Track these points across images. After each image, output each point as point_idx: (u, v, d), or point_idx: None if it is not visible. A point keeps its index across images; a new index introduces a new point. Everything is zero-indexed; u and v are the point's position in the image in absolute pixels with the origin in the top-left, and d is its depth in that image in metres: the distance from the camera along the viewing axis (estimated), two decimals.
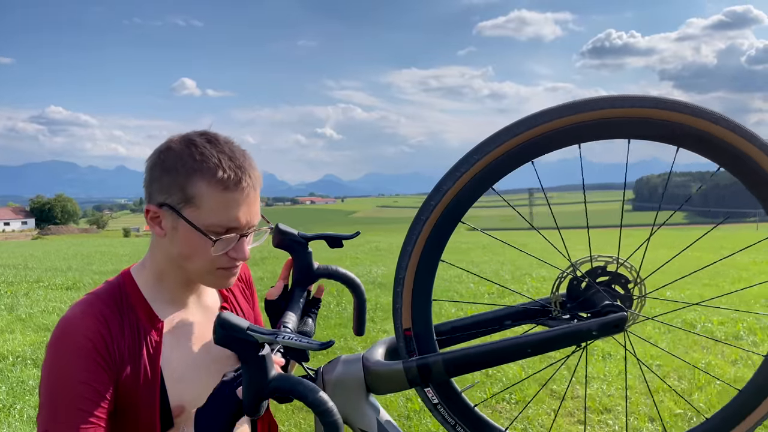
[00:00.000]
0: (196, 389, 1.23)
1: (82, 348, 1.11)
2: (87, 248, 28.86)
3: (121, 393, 1.16)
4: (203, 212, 1.12)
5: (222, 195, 1.11)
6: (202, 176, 1.10)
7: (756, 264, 13.46)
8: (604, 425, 4.38)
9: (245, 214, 1.15)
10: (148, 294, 1.24)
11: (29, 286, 12.57)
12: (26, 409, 4.90)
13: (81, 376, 1.10)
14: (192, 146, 1.12)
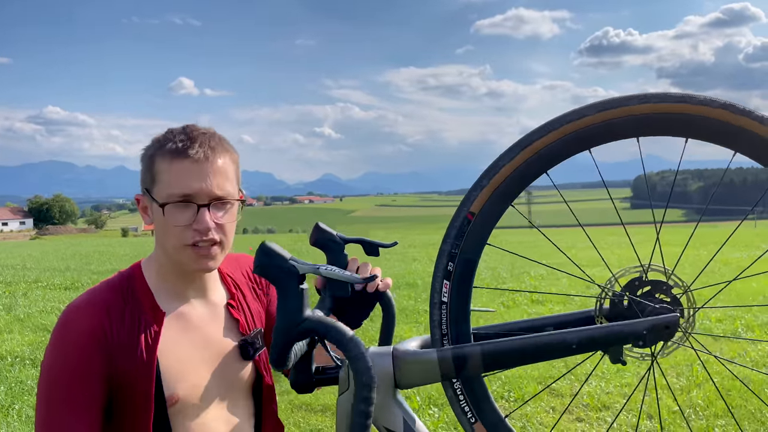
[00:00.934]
0: (192, 381, 1.24)
1: (81, 335, 1.16)
2: (85, 248, 28.84)
3: (118, 378, 1.19)
4: (162, 185, 1.18)
5: (172, 164, 1.17)
6: (158, 152, 1.19)
7: (753, 261, 13.47)
8: (602, 422, 4.39)
9: (198, 182, 1.17)
10: (153, 286, 1.27)
11: (27, 286, 12.56)
12: (25, 409, 4.90)
13: (77, 366, 1.15)
14: (160, 136, 1.22)
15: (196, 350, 1.27)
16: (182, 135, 1.19)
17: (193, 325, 1.29)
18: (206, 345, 1.29)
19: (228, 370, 1.31)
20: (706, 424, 4.26)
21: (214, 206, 1.20)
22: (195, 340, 1.28)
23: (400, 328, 7.48)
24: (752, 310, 7.90)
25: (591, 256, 15.80)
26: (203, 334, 1.29)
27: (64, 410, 1.14)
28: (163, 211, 1.18)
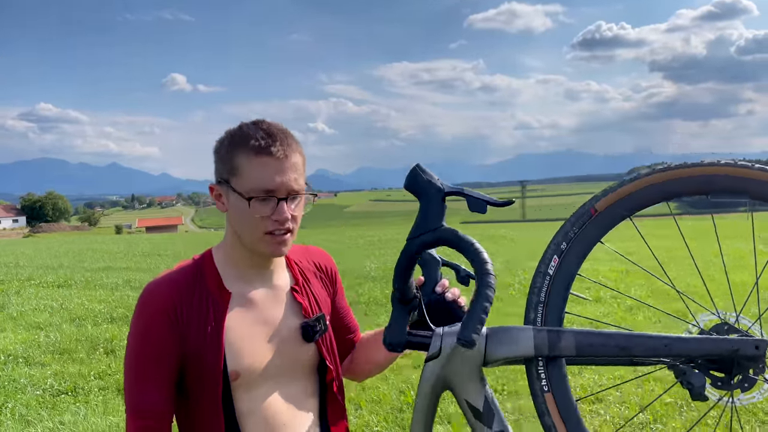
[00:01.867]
0: (252, 358, 1.35)
1: (154, 315, 1.30)
2: (79, 246, 28.73)
3: (189, 354, 1.31)
4: (243, 179, 1.28)
5: (255, 159, 1.27)
6: (241, 147, 1.29)
7: (746, 254, 13.54)
8: (596, 414, 4.41)
9: (279, 176, 1.28)
10: (221, 268, 1.38)
11: (20, 284, 12.50)
12: (18, 408, 4.88)
13: (149, 336, 1.29)
14: (239, 128, 1.32)
15: (257, 329, 1.37)
16: (263, 132, 1.29)
17: (257, 306, 1.38)
18: (268, 325, 1.38)
19: (288, 350, 1.40)
20: (698, 415, 4.29)
21: (289, 199, 1.32)
22: (257, 319, 1.38)
23: (381, 318, 7.48)
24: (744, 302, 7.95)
25: None
26: (265, 315, 1.39)
27: (142, 382, 1.28)
28: (249, 203, 1.28)
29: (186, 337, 1.31)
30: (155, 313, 1.30)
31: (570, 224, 1.20)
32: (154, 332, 1.30)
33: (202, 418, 1.33)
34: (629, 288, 9.18)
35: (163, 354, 1.30)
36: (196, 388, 1.33)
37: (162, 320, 1.30)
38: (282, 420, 1.38)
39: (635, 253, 14.41)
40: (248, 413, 1.35)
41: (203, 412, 1.33)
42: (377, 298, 9.17)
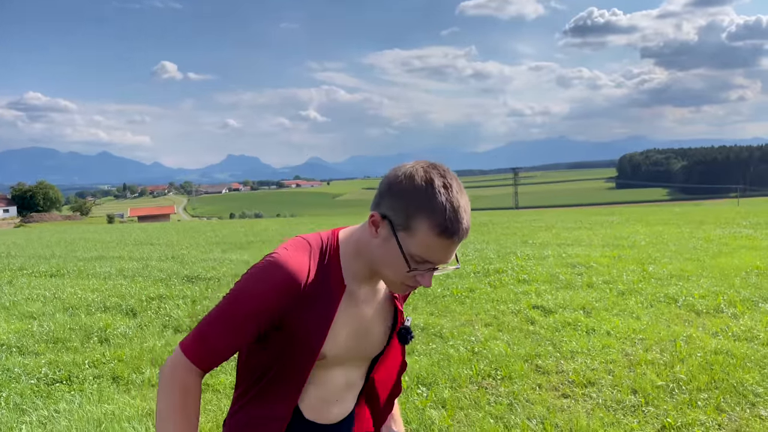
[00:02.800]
0: (341, 349, 1.46)
1: (278, 283, 1.35)
2: (71, 235, 28.59)
3: (293, 324, 1.40)
4: (414, 242, 1.30)
5: (435, 239, 1.29)
6: (428, 216, 1.28)
7: (736, 238, 13.64)
8: (588, 398, 4.45)
9: (444, 256, 1.33)
10: (344, 261, 1.45)
11: (12, 274, 12.45)
12: (12, 397, 4.89)
13: (261, 300, 1.35)
14: (431, 186, 1.29)
15: (353, 323, 1.48)
16: (453, 214, 1.28)
17: (360, 302, 1.49)
18: (362, 321, 1.49)
19: (368, 347, 1.53)
20: (689, 398, 4.34)
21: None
22: (357, 315, 1.48)
23: None
24: (734, 285, 8.02)
25: (575, 236, 15.92)
26: (365, 312, 1.50)
27: (225, 327, 1.36)
28: (409, 265, 1.32)
29: (292, 316, 1.39)
30: (276, 287, 1.36)
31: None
32: (266, 301, 1.36)
33: (282, 382, 1.46)
34: (621, 273, 9.23)
35: (260, 319, 1.37)
36: (288, 360, 1.44)
37: (278, 296, 1.36)
38: (335, 394, 1.54)
39: (627, 238, 14.49)
40: (311, 383, 1.50)
41: (285, 379, 1.45)
42: None
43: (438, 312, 7.36)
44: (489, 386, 4.78)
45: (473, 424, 4.03)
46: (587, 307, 7.15)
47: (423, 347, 5.84)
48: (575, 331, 6.17)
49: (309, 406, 1.51)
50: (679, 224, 18.33)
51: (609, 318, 6.59)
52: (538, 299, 7.65)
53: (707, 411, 4.11)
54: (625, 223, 19.51)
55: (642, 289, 8.00)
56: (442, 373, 5.04)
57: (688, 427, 3.86)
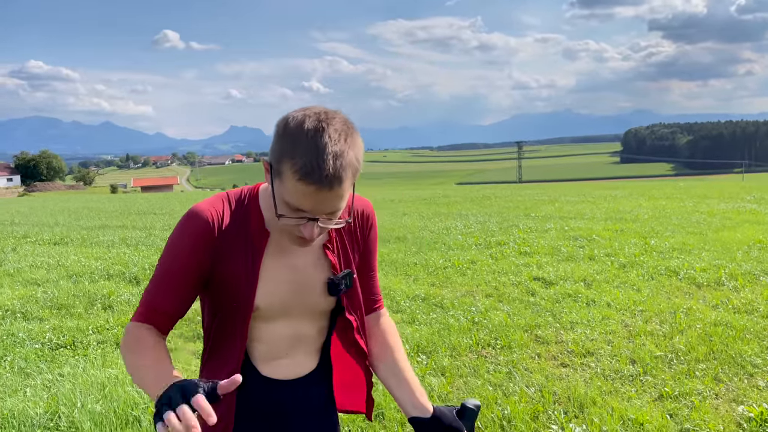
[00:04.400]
0: (274, 298, 1.44)
1: (193, 231, 1.38)
2: (74, 204, 28.66)
3: (221, 277, 1.41)
4: (284, 189, 1.26)
5: (297, 184, 1.22)
6: (290, 160, 1.22)
7: (739, 213, 13.61)
8: (586, 367, 4.48)
9: (313, 205, 1.25)
10: (264, 210, 1.43)
11: (16, 241, 12.52)
12: (17, 361, 4.94)
13: (181, 250, 1.38)
14: (300, 130, 1.22)
15: (286, 274, 1.44)
16: (316, 158, 1.19)
17: (290, 253, 1.44)
18: (296, 272, 1.45)
19: (310, 299, 1.48)
20: (687, 368, 4.37)
21: (323, 219, 1.30)
22: (287, 265, 1.44)
23: (389, 280, 7.56)
24: (736, 259, 8.02)
25: (578, 209, 15.90)
26: (296, 263, 1.45)
27: (162, 287, 1.39)
28: (278, 218, 1.31)
29: (218, 264, 1.40)
30: (194, 234, 1.38)
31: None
32: (188, 250, 1.38)
33: (224, 338, 1.46)
34: (623, 246, 9.24)
35: (189, 270, 1.38)
36: (225, 313, 1.44)
37: (197, 243, 1.38)
38: (285, 350, 1.50)
39: (629, 212, 14.47)
40: (257, 339, 1.48)
41: (226, 333, 1.45)
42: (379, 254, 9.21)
43: (439, 283, 7.39)
44: (488, 355, 4.81)
45: (472, 391, 4.07)
46: (588, 279, 7.16)
47: (423, 317, 5.87)
48: (575, 302, 6.19)
49: (262, 362, 1.50)
50: (682, 198, 18.28)
51: (609, 290, 6.61)
52: (539, 271, 7.67)
53: (705, 381, 4.14)
54: (628, 197, 19.47)
55: (643, 262, 8.01)
56: (442, 342, 5.07)
57: (686, 397, 3.90)
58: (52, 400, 4.05)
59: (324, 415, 1.60)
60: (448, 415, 1.43)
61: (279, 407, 1.52)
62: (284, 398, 1.52)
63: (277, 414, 1.52)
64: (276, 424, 1.52)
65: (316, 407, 1.57)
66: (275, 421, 1.52)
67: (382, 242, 10.84)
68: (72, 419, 3.73)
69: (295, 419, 1.54)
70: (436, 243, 10.42)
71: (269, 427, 1.52)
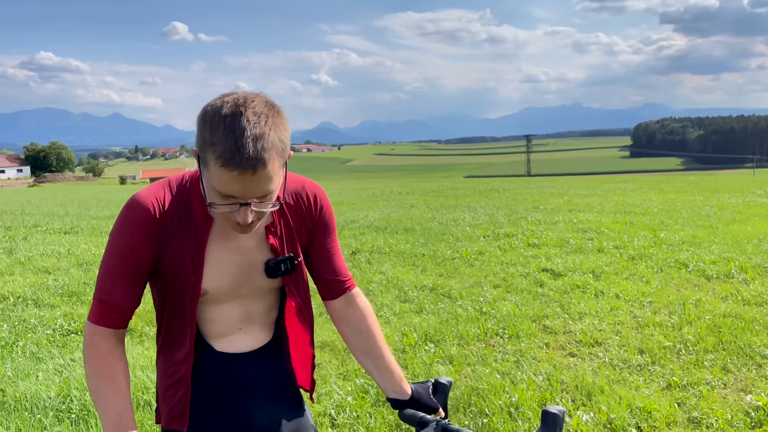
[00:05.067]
0: (221, 281, 1.45)
1: (136, 219, 1.36)
2: (84, 195, 28.84)
3: (165, 265, 1.41)
4: (210, 176, 1.26)
5: (221, 170, 1.22)
6: (211, 148, 1.22)
7: (750, 207, 13.53)
8: (595, 357, 4.49)
9: (241, 189, 1.24)
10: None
11: (27, 230, 12.62)
12: (29, 346, 5.00)
13: (126, 239, 1.37)
14: (217, 116, 1.22)
15: (231, 257, 1.45)
16: (234, 143, 1.19)
17: (233, 236, 1.44)
18: (240, 255, 1.46)
19: (255, 280, 1.49)
20: (696, 358, 4.37)
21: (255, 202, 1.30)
22: (232, 248, 1.45)
23: (397, 270, 7.57)
24: (746, 252, 7.98)
25: (587, 202, 15.85)
26: (239, 246, 1.46)
27: (112, 280, 1.39)
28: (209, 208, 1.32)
29: (164, 251, 1.40)
30: (137, 223, 1.36)
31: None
32: (132, 240, 1.37)
33: (175, 322, 1.47)
34: (632, 239, 9.21)
35: (135, 260, 1.38)
36: (174, 297, 1.44)
37: (141, 231, 1.37)
38: (236, 326, 1.53)
39: (639, 205, 14.42)
40: (209, 320, 1.50)
41: (176, 317, 1.46)
42: (380, 247, 9.24)
43: (447, 273, 7.40)
44: (496, 344, 4.82)
45: (480, 379, 4.08)
46: (597, 270, 7.15)
47: (431, 307, 5.88)
48: (584, 293, 6.19)
49: (215, 339, 1.52)
50: (692, 192, 18.20)
51: (618, 282, 6.60)
52: (548, 262, 7.66)
53: (713, 371, 4.13)
54: (638, 191, 19.38)
55: (653, 255, 7.98)
56: (450, 331, 5.09)
57: (694, 386, 3.89)
58: (65, 383, 4.10)
59: (284, 387, 1.61)
60: (423, 394, 1.53)
61: (237, 380, 1.53)
62: (241, 371, 1.53)
63: (236, 387, 1.53)
64: (237, 398, 1.54)
65: (274, 379, 1.59)
66: (236, 395, 1.53)
67: (389, 233, 10.85)
68: (84, 402, 3.77)
69: (255, 391, 1.55)
70: (444, 234, 10.43)
71: (230, 401, 1.53)
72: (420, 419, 1.45)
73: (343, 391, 3.93)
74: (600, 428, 3.38)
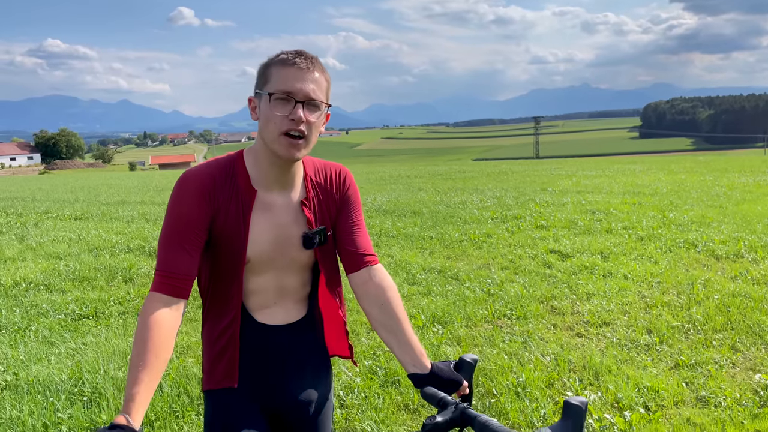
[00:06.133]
0: (261, 251, 1.59)
1: (191, 190, 1.52)
2: (94, 181, 28.97)
3: (216, 233, 1.56)
4: (271, 84, 1.50)
5: (282, 69, 1.50)
6: (273, 62, 1.52)
7: (760, 186, 13.42)
8: (602, 337, 4.49)
9: (299, 83, 1.49)
10: (250, 170, 1.60)
11: (38, 217, 12.71)
12: (41, 330, 5.06)
13: (185, 209, 1.51)
14: (277, 54, 1.55)
15: (270, 229, 1.60)
16: (293, 52, 1.53)
17: (273, 210, 1.61)
18: (279, 228, 1.61)
19: (291, 252, 1.63)
20: (704, 338, 4.36)
21: (307, 107, 1.51)
22: (272, 221, 1.60)
23: (405, 253, 7.58)
24: (756, 231, 7.94)
25: (595, 183, 15.77)
26: (279, 219, 1.61)
27: (173, 248, 1.50)
28: (270, 99, 1.49)
29: (215, 219, 1.55)
30: (191, 193, 1.52)
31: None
32: (189, 208, 1.51)
33: (223, 287, 1.61)
34: (640, 220, 9.17)
35: (193, 226, 1.52)
36: (222, 263, 1.59)
37: (196, 200, 1.52)
38: (273, 299, 1.67)
39: (648, 186, 14.34)
40: (248, 291, 1.64)
41: (224, 283, 1.61)
42: (388, 231, 9.25)
43: (455, 256, 7.41)
44: (504, 325, 4.83)
45: (488, 360, 4.10)
46: (605, 251, 7.14)
47: (439, 289, 5.90)
48: (592, 274, 6.18)
49: (255, 311, 1.65)
50: (702, 173, 18.06)
51: (627, 262, 6.59)
52: (556, 244, 7.65)
53: (722, 350, 4.13)
54: (647, 172, 19.26)
55: (661, 235, 7.95)
56: (458, 313, 5.10)
57: (702, 365, 3.90)
58: (76, 366, 4.15)
59: (316, 359, 1.75)
60: (445, 370, 1.54)
61: (275, 350, 1.66)
62: (278, 342, 1.66)
63: (274, 357, 1.67)
64: (274, 366, 1.67)
65: (308, 351, 1.72)
66: (273, 364, 1.67)
67: (398, 216, 10.86)
68: (95, 385, 3.83)
69: (290, 362, 1.69)
70: (452, 217, 10.42)
71: (269, 369, 1.66)
72: (440, 399, 1.40)
73: (351, 372, 3.96)
74: (607, 407, 3.39)
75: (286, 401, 1.67)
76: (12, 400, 3.68)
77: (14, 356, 4.47)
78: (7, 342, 4.82)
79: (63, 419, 3.40)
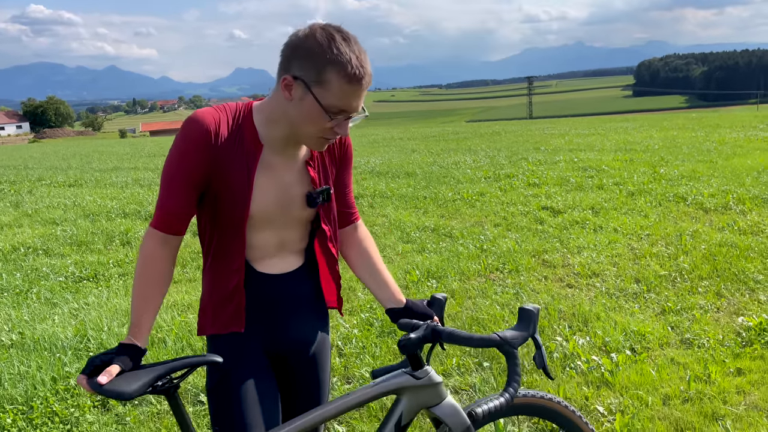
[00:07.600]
0: (264, 206, 1.61)
1: (196, 130, 1.51)
2: (85, 149, 28.83)
3: (217, 180, 1.55)
4: (329, 95, 1.44)
5: (347, 86, 1.43)
6: (336, 68, 1.41)
7: (751, 141, 13.51)
8: (592, 287, 4.62)
9: (357, 102, 1.48)
10: (259, 128, 1.59)
11: (32, 184, 12.71)
12: (43, 292, 5.15)
13: (188, 148, 1.51)
14: (332, 40, 1.42)
15: (274, 186, 1.61)
16: (357, 62, 1.42)
17: (278, 167, 1.61)
18: (282, 185, 1.62)
19: (293, 209, 1.66)
20: (690, 285, 4.50)
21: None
22: (275, 178, 1.61)
23: (399, 213, 7.67)
24: (745, 184, 8.05)
25: (588, 142, 15.83)
26: (282, 177, 1.62)
27: (172, 187, 1.52)
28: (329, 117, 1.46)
29: (217, 164, 1.54)
30: (195, 136, 1.51)
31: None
32: (190, 150, 1.51)
33: (227, 237, 1.63)
34: (632, 175, 9.27)
35: (193, 168, 1.52)
36: (225, 214, 1.59)
37: (199, 144, 1.51)
38: (272, 252, 1.70)
39: (640, 143, 14.41)
40: (250, 245, 1.66)
41: (228, 233, 1.62)
42: (382, 191, 9.32)
43: (448, 214, 7.51)
44: (496, 278, 4.96)
45: (480, 310, 4.22)
46: (596, 207, 7.24)
47: (433, 246, 6.01)
48: (583, 229, 6.30)
49: (255, 262, 1.68)
50: (694, 129, 18.12)
51: (617, 216, 6.70)
52: (548, 201, 7.75)
53: (707, 296, 4.27)
54: (639, 129, 19.31)
55: (652, 190, 8.06)
56: (452, 268, 5.22)
57: (688, 311, 4.03)
58: (80, 325, 4.26)
59: (314, 304, 1.80)
60: (418, 304, 1.71)
61: (275, 297, 1.71)
62: (279, 289, 1.72)
63: (274, 303, 1.72)
64: (274, 312, 1.73)
65: (306, 297, 1.77)
66: (274, 310, 1.72)
67: (391, 177, 10.93)
68: (100, 341, 3.94)
69: (290, 308, 1.74)
70: (446, 177, 10.49)
71: (270, 315, 1.72)
72: (413, 324, 1.59)
73: (349, 324, 4.09)
74: (595, 350, 3.53)
75: (287, 342, 1.74)
76: (19, 356, 3.79)
77: (18, 317, 4.57)
78: (9, 304, 4.92)
79: (71, 373, 3.51)
